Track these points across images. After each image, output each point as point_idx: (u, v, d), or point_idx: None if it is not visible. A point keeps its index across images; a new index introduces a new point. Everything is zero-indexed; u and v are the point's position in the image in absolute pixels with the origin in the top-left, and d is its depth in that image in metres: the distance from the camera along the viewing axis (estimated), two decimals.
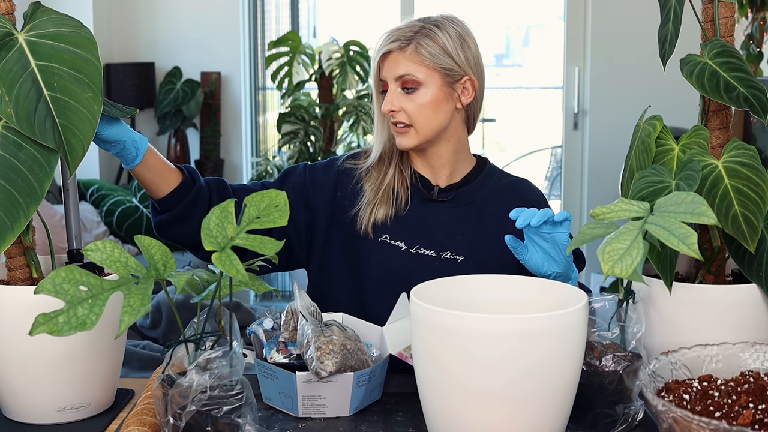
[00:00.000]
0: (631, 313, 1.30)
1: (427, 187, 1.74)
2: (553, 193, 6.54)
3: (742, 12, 3.82)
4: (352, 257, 1.73)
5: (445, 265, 1.68)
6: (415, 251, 1.70)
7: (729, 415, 1.04)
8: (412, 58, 1.65)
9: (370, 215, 1.71)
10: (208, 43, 5.02)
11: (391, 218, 1.71)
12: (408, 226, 1.71)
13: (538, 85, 9.26)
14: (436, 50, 1.65)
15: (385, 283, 1.68)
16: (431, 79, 1.65)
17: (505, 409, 1.13)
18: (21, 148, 1.23)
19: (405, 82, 1.65)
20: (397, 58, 1.66)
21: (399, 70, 1.65)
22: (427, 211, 1.72)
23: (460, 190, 1.74)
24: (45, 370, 1.31)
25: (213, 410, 1.14)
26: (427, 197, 1.73)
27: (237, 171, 5.14)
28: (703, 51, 1.34)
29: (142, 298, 1.07)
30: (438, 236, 1.70)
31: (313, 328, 1.37)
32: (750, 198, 1.26)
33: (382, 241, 1.71)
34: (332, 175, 1.76)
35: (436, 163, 1.74)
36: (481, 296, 1.32)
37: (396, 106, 1.66)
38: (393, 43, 1.66)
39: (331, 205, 1.74)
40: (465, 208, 1.73)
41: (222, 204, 1.16)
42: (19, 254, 1.36)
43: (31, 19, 1.29)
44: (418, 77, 1.64)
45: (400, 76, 1.65)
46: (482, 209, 1.73)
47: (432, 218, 1.72)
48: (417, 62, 1.65)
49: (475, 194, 1.74)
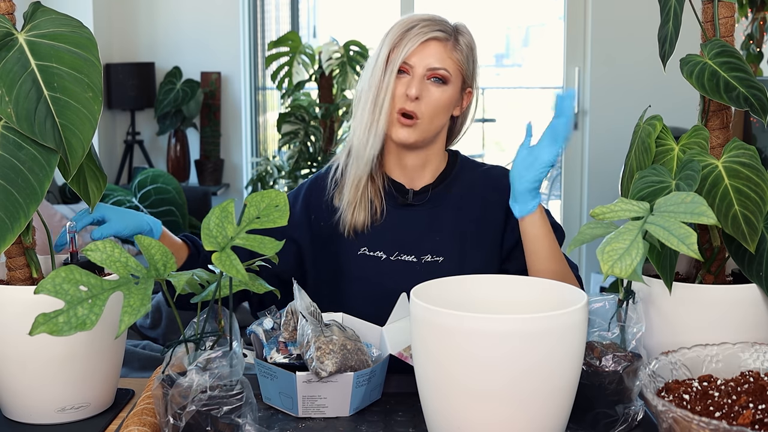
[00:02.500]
0: (631, 313, 1.30)
1: (401, 192, 1.72)
2: (553, 193, 6.54)
3: (742, 12, 3.82)
4: (333, 275, 1.72)
5: (427, 269, 1.66)
6: (396, 258, 1.68)
7: (729, 415, 1.04)
8: (450, 54, 1.64)
9: (352, 215, 1.68)
10: (208, 43, 5.02)
11: (368, 228, 1.69)
12: (385, 235, 1.69)
13: (538, 85, 9.26)
14: (466, 53, 1.66)
15: (369, 296, 1.66)
16: (455, 80, 1.65)
17: (505, 409, 1.13)
18: (21, 148, 1.23)
19: (436, 75, 1.63)
20: (437, 48, 1.63)
21: (435, 62, 1.62)
22: (403, 217, 1.70)
23: (435, 190, 1.72)
24: (45, 370, 1.31)
25: (213, 410, 1.14)
26: (402, 202, 1.71)
27: (237, 171, 5.14)
28: (703, 51, 1.34)
29: (142, 298, 1.07)
30: (417, 240, 1.69)
31: (313, 328, 1.37)
32: (750, 198, 1.26)
33: (362, 254, 1.69)
34: (300, 203, 1.74)
35: (417, 165, 1.71)
36: (481, 296, 1.32)
37: (420, 93, 1.62)
38: (438, 32, 1.63)
39: (309, 229, 1.72)
40: (441, 207, 1.71)
41: (222, 204, 1.16)
42: (19, 254, 1.36)
43: (31, 19, 1.29)
44: (450, 75, 1.63)
45: (435, 67, 1.62)
46: (458, 206, 1.71)
47: (409, 223, 1.70)
48: (453, 59, 1.64)
49: (450, 192, 1.72)
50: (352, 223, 1.68)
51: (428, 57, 1.63)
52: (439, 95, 1.63)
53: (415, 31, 1.63)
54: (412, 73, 1.63)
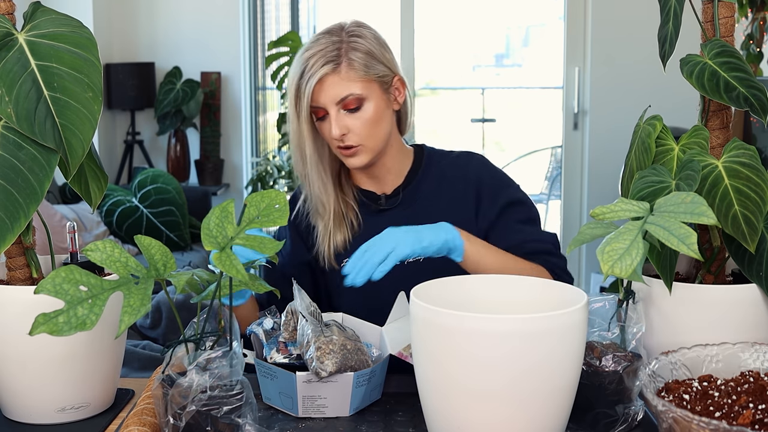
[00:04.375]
0: (631, 313, 1.30)
1: (373, 200, 1.73)
2: (553, 193, 6.54)
3: (742, 12, 3.82)
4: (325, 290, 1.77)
5: (408, 270, 1.64)
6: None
7: (729, 415, 1.04)
8: (348, 77, 1.59)
9: (329, 245, 1.70)
10: (208, 43, 5.02)
11: (350, 242, 1.70)
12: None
13: (538, 85, 9.26)
14: (365, 60, 1.60)
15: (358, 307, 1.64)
16: (371, 92, 1.61)
17: (505, 409, 1.13)
18: (21, 148, 1.23)
19: (348, 104, 1.60)
20: (333, 81, 1.58)
21: (339, 93, 1.59)
22: (379, 223, 1.68)
23: (405, 191, 1.72)
24: (45, 370, 1.31)
25: (213, 410, 1.14)
26: (375, 209, 1.72)
27: (237, 171, 5.14)
28: (703, 51, 1.34)
29: (142, 298, 1.07)
30: None
31: (313, 328, 1.37)
32: (750, 198, 1.26)
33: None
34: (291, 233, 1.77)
35: (382, 173, 1.72)
36: (481, 296, 1.32)
37: (345, 129, 1.60)
38: (324, 67, 1.58)
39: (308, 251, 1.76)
40: (414, 205, 1.72)
41: (222, 204, 1.16)
42: (19, 254, 1.36)
43: (31, 19, 1.29)
44: (360, 94, 1.60)
45: (342, 99, 1.59)
46: (431, 200, 1.71)
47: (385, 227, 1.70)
48: (354, 79, 1.59)
49: (421, 188, 1.72)
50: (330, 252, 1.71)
51: (329, 93, 1.59)
52: (363, 117, 1.61)
53: (306, 74, 1.59)
54: (327, 113, 1.61)
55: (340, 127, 1.60)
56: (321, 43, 1.61)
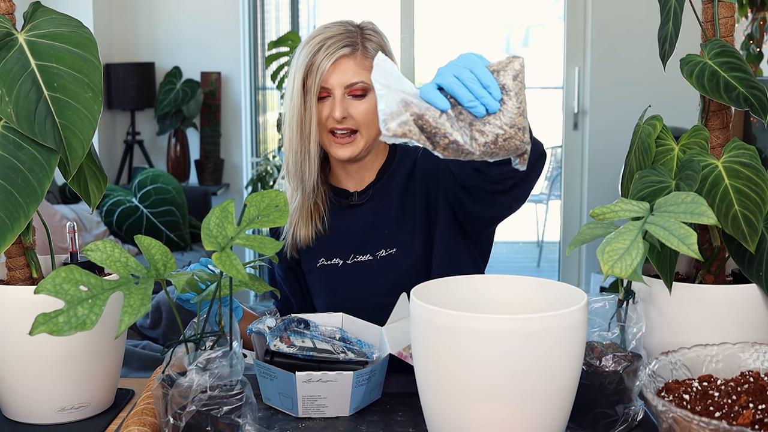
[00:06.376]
0: (631, 313, 1.30)
1: (344, 196, 1.73)
2: (553, 193, 6.54)
3: (742, 12, 3.82)
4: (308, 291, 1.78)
5: (383, 264, 1.68)
6: (353, 261, 1.70)
7: (729, 415, 1.04)
8: (362, 64, 1.62)
9: (293, 236, 1.71)
10: (208, 43, 5.02)
11: (321, 237, 1.71)
12: (337, 241, 1.71)
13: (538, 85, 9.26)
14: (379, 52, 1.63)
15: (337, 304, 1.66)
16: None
17: (505, 409, 1.13)
18: (21, 148, 1.23)
19: (355, 90, 1.61)
20: (347, 64, 1.61)
21: (350, 78, 1.61)
22: (349, 219, 1.70)
23: (376, 186, 1.72)
24: (45, 370, 1.31)
25: (213, 410, 1.14)
26: (346, 205, 1.73)
27: (237, 171, 5.14)
28: (703, 51, 1.34)
29: (142, 298, 1.07)
30: (367, 239, 1.70)
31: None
32: (750, 198, 1.26)
33: (321, 265, 1.72)
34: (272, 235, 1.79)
35: (362, 169, 1.72)
36: (481, 296, 1.32)
37: (346, 112, 1.61)
38: (345, 48, 1.61)
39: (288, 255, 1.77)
40: (385, 201, 1.72)
41: (222, 204, 1.16)
42: (19, 254, 1.36)
43: (31, 19, 1.29)
44: (368, 84, 1.61)
45: (352, 83, 1.61)
46: (402, 194, 1.71)
47: (356, 224, 1.71)
48: (366, 67, 1.62)
49: (392, 183, 1.72)
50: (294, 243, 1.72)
51: (342, 75, 1.61)
52: (365, 107, 1.62)
53: (323, 52, 1.60)
54: (332, 95, 1.62)
55: (343, 110, 1.61)
56: (337, 29, 1.64)
